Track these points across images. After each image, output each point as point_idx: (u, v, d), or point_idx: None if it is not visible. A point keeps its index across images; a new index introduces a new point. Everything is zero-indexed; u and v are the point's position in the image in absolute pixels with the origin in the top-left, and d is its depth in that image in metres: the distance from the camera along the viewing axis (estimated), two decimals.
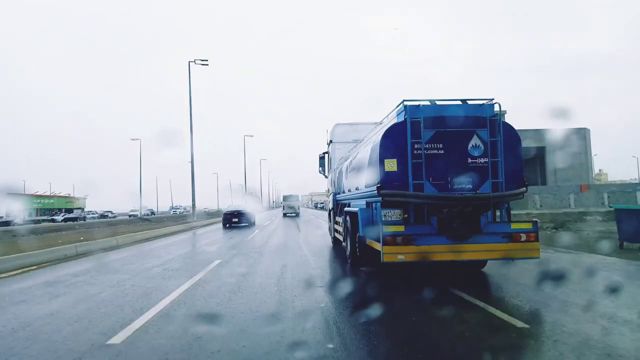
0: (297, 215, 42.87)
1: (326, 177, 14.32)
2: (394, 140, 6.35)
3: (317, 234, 18.33)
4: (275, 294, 6.29)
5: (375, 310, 5.05)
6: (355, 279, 7.64)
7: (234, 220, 23.85)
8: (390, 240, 6.10)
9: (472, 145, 6.36)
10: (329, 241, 13.56)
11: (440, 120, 6.33)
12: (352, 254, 8.74)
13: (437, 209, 6.26)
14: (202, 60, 29.83)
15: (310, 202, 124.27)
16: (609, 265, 8.23)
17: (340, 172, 11.11)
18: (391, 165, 6.30)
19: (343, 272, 8.54)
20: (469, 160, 6.35)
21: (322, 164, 14.22)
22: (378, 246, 6.57)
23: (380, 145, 6.35)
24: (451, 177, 6.33)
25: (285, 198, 48.37)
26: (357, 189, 8.33)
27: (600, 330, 4.28)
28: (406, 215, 6.31)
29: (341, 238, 10.58)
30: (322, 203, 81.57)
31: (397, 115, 6.76)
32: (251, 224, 24.34)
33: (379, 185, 6.24)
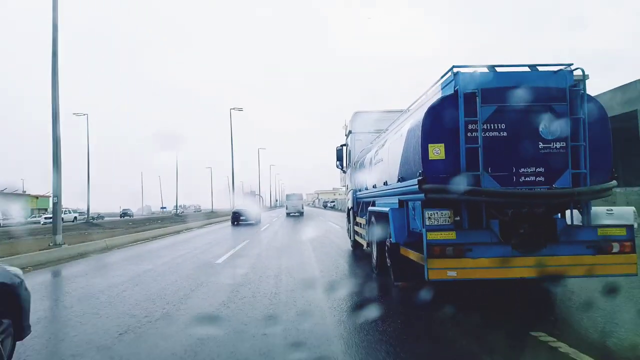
0: (302, 214, 41.18)
1: (344, 172, 12.81)
2: (441, 120, 4.82)
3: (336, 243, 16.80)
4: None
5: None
6: (385, 300, 6.10)
7: (241, 218, 27.27)
8: (437, 252, 4.58)
9: (545, 125, 4.79)
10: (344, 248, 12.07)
11: (504, 92, 4.77)
12: (379, 264, 7.25)
13: (499, 210, 4.72)
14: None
15: (317, 200, 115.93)
16: None
17: (362, 166, 9.62)
18: (437, 151, 4.77)
19: (367, 287, 7.03)
20: (541, 145, 4.78)
21: (339, 158, 12.67)
22: (418, 257, 5.07)
23: (422, 127, 4.82)
24: (517, 167, 4.78)
25: (288, 197, 46.92)
26: (385, 183, 6.83)
27: None
28: (457, 218, 4.78)
29: (364, 242, 9.08)
30: (333, 202, 74.88)
31: (444, 88, 5.23)
32: (257, 222, 27.41)
33: (420, 178, 4.72)
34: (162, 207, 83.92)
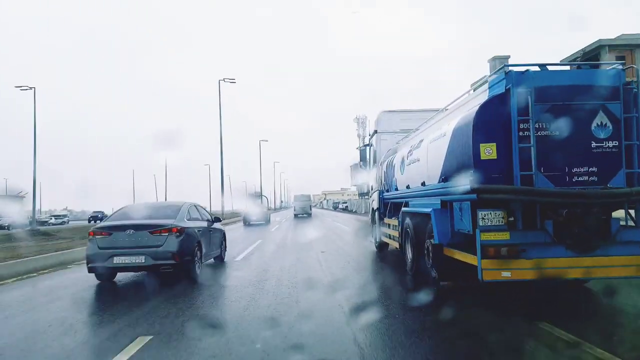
0: (310, 215, 41.20)
1: (367, 172, 12.77)
2: (493, 119, 4.78)
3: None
4: None
5: None
6: (426, 300, 6.07)
7: (253, 219, 29.02)
8: (492, 252, 4.55)
9: (598, 124, 4.74)
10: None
11: (557, 90, 4.73)
12: (415, 265, 7.21)
13: (553, 210, 4.67)
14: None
15: (324, 201, 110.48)
16: None
17: (391, 166, 9.57)
18: (489, 151, 4.73)
19: (404, 287, 7.00)
20: (594, 145, 4.74)
21: (363, 158, 12.66)
22: (469, 258, 5.03)
23: (474, 125, 4.79)
24: (569, 166, 4.74)
25: (296, 198, 46.97)
26: (423, 184, 6.79)
27: None
28: (511, 219, 4.74)
29: (395, 244, 9.04)
30: (345, 203, 70.67)
31: (492, 87, 5.19)
32: (267, 222, 29.46)
33: (472, 178, 4.68)
34: None
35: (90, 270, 7.32)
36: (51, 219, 51.86)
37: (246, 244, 14.45)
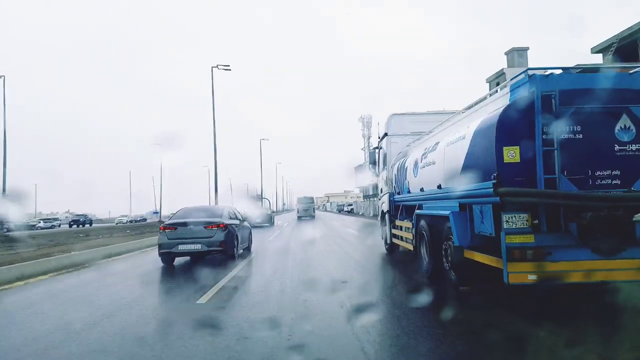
0: (313, 218, 41.24)
1: (377, 175, 12.79)
2: (516, 122, 4.80)
3: None
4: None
5: None
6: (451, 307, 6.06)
7: (257, 220, 28.97)
8: (517, 255, 4.55)
9: (621, 127, 4.76)
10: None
11: (580, 94, 4.75)
12: (432, 267, 7.21)
13: (577, 213, 4.67)
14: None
15: (327, 204, 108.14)
16: None
17: (403, 169, 9.58)
18: (512, 154, 4.75)
19: (426, 289, 6.99)
20: (617, 148, 4.75)
21: (373, 160, 12.68)
22: (491, 260, 5.04)
23: (497, 129, 4.80)
24: (593, 170, 4.75)
25: (299, 200, 46.80)
26: (439, 187, 6.80)
27: None
28: (536, 221, 4.74)
29: (408, 246, 9.05)
30: (351, 205, 68.68)
31: (514, 90, 5.21)
32: (271, 224, 30.23)
33: (495, 181, 4.68)
34: (155, 212, 74.65)
35: (161, 254, 9.92)
36: (39, 222, 48.87)
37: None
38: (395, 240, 10.47)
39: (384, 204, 11.62)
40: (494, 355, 3.89)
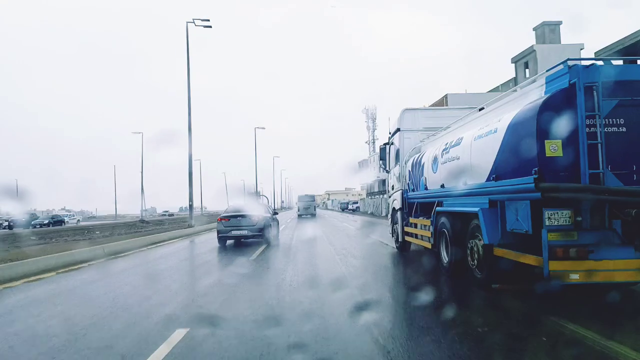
0: (314, 216, 40.77)
1: (387, 171, 12.57)
2: (558, 114, 4.60)
3: None
4: None
5: None
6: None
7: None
8: (560, 253, 4.37)
9: None
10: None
11: (624, 85, 4.56)
12: (453, 265, 7.03)
13: (621, 210, 4.49)
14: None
15: (328, 201, 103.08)
16: None
17: (418, 165, 9.38)
18: (554, 148, 4.55)
19: (451, 288, 6.80)
20: None
21: (383, 157, 12.44)
22: (528, 259, 4.86)
23: (538, 121, 4.60)
24: (637, 164, 4.57)
25: (300, 198, 46.09)
26: (464, 183, 6.60)
27: None
28: (579, 218, 4.54)
29: (424, 244, 8.86)
30: (356, 203, 61.92)
31: (550, 82, 5.01)
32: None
33: (536, 176, 4.49)
34: (145, 210, 70.80)
35: (219, 238, 13.96)
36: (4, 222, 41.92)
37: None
38: (408, 238, 10.28)
39: (395, 201, 11.41)
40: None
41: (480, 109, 7.56)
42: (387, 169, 12.39)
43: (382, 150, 12.51)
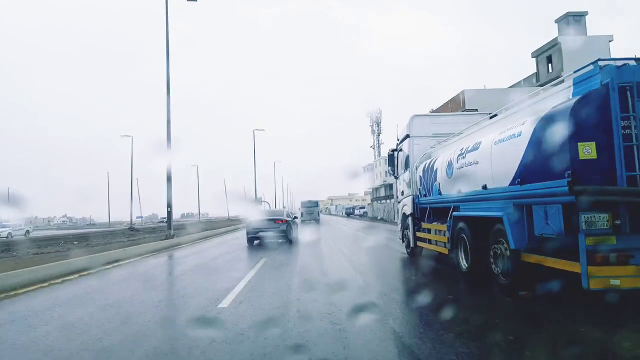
0: (318, 222, 39.82)
1: (396, 177, 12.48)
2: (590, 115, 4.50)
3: None
4: None
5: None
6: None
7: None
8: (599, 259, 4.24)
9: None
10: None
11: None
12: (473, 270, 6.90)
13: None
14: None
15: (331, 207, 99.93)
16: None
17: (430, 170, 9.28)
18: (588, 150, 4.44)
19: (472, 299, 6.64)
20: None
21: (391, 163, 12.36)
22: (563, 265, 4.73)
23: (570, 123, 4.50)
24: None
25: (303, 204, 45.14)
26: (484, 187, 6.49)
27: None
28: (618, 222, 4.42)
29: (439, 249, 8.73)
30: (363, 208, 58.75)
31: (577, 84, 4.92)
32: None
33: (570, 179, 4.38)
34: (139, 217, 68.12)
35: (248, 238, 16.19)
36: None
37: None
38: (420, 244, 10.15)
39: (405, 207, 11.29)
40: None
41: (493, 116, 7.51)
42: (396, 175, 12.30)
43: (391, 156, 12.43)
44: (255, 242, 15.93)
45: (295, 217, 20.61)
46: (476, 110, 16.53)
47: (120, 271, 10.40)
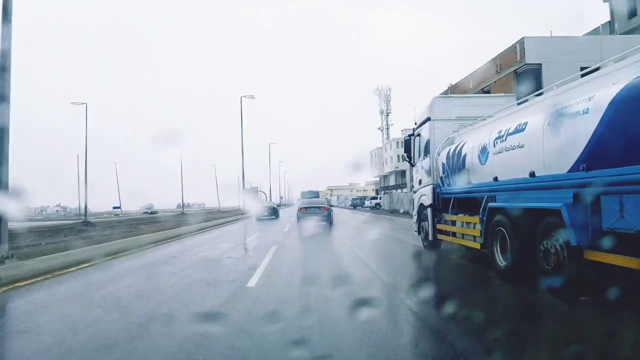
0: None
1: (412, 165, 11.65)
2: None
3: None
4: None
5: None
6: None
7: (264, 214, 30.93)
8: None
9: None
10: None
11: None
12: (515, 269, 6.13)
13: None
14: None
15: (332, 198, 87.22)
16: None
17: (456, 156, 8.47)
18: None
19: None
20: None
21: (408, 149, 11.52)
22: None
23: None
24: None
25: (303, 195, 43.34)
26: (532, 174, 5.70)
27: None
28: None
29: (468, 243, 7.96)
30: (375, 199, 50.25)
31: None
32: (277, 217, 31.34)
33: None
34: (116, 207, 66.38)
35: (298, 219, 20.04)
36: None
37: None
38: (442, 237, 9.38)
39: (423, 197, 10.49)
40: None
41: (539, 94, 6.69)
42: (413, 162, 11.47)
43: (407, 142, 11.59)
44: (305, 223, 18.72)
45: (332, 206, 28.88)
46: (539, 65, 14.29)
47: None
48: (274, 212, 31.49)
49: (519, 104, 7.16)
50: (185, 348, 3.77)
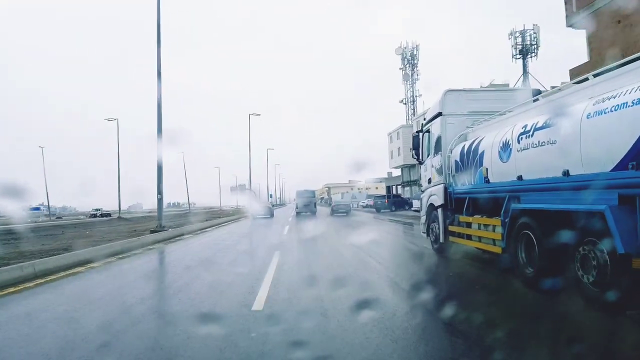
0: (314, 214, 36.00)
1: (421, 162, 11.09)
2: None
3: None
4: None
5: None
6: None
7: (260, 213, 34.35)
8: None
9: None
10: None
11: None
12: (542, 277, 5.57)
13: None
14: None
15: (335, 196, 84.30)
16: None
17: (472, 154, 7.93)
18: None
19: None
20: None
21: (416, 146, 10.95)
22: None
23: None
24: None
25: (298, 194, 41.74)
26: (566, 173, 5.16)
27: None
28: None
29: (486, 247, 7.42)
30: (384, 197, 44.43)
31: None
32: (272, 216, 34.54)
33: None
34: (96, 209, 62.29)
35: (332, 211, 35.90)
36: None
37: None
38: (454, 239, 8.83)
39: (433, 197, 9.93)
40: None
41: (580, 81, 6.10)
42: (421, 160, 10.92)
43: (416, 138, 11.03)
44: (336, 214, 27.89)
45: (340, 209, 35.85)
46: None
47: None
48: (269, 212, 35.88)
49: (545, 96, 6.60)
50: None
